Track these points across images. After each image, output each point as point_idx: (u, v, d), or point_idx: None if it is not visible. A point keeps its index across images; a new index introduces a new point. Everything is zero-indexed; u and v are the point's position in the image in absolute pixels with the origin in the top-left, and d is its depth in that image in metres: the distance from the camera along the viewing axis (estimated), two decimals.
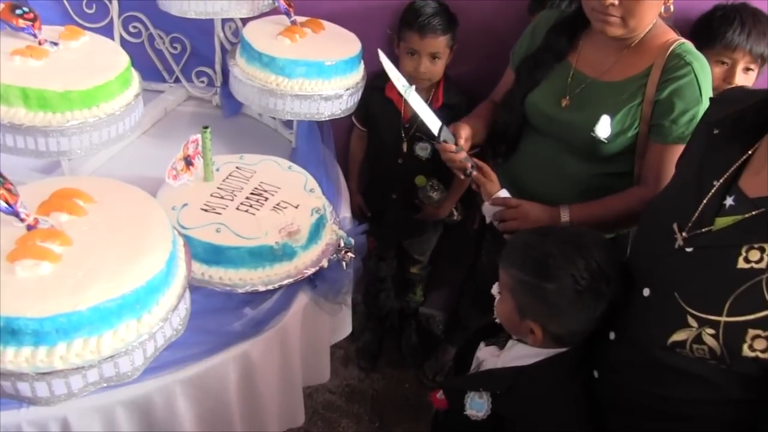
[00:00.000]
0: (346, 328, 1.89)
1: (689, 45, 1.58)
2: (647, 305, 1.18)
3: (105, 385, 1.06)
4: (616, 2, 1.49)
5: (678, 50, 1.56)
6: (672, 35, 1.61)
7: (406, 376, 2.65)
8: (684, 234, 1.13)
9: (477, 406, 1.35)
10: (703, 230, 1.11)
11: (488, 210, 1.68)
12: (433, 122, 1.67)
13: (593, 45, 1.68)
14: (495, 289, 1.40)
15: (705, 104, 1.53)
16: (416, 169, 2.23)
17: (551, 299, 1.25)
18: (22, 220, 1.07)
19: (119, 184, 1.24)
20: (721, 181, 1.12)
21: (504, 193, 1.66)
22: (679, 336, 1.10)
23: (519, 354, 1.37)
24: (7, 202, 1.06)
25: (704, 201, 1.12)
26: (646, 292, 1.18)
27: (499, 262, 1.36)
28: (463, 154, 1.65)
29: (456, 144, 1.65)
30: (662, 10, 1.55)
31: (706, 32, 1.80)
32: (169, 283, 1.11)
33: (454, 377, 1.65)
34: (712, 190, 1.12)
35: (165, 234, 1.14)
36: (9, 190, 1.07)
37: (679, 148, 1.50)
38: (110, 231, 1.11)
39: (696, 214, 1.13)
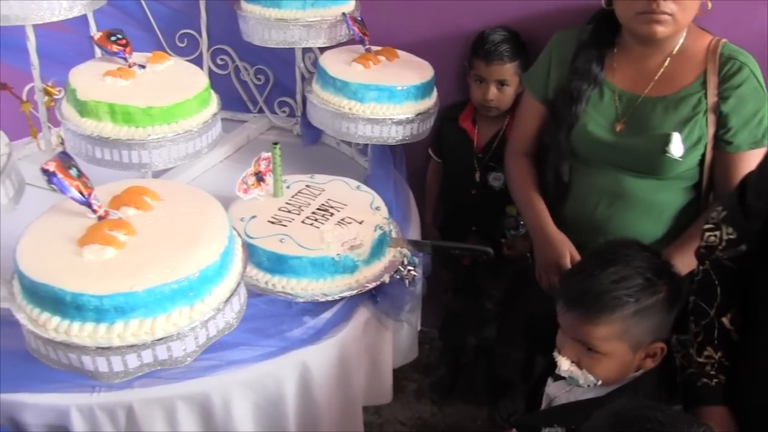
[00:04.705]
0: (412, 352, 1.89)
1: (730, 43, 1.56)
2: None
3: (159, 367, 1.12)
4: None
5: (726, 52, 1.54)
6: (708, 36, 1.58)
7: (479, 413, 2.60)
8: None
9: None
10: None
11: None
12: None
13: (629, 59, 1.63)
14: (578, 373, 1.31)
15: None
16: (490, 200, 2.23)
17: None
18: (94, 211, 1.17)
19: (186, 186, 1.34)
20: None
21: None
22: None
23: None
24: (82, 194, 1.15)
25: None
26: None
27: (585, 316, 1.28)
28: None
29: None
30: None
31: None
32: (222, 275, 1.17)
33: (526, 414, 1.60)
34: None
35: (222, 230, 1.20)
36: (84, 183, 1.17)
37: (756, 152, 1.51)
38: (171, 225, 1.20)
39: None
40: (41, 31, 1.76)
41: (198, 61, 2.25)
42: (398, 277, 1.60)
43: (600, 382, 1.27)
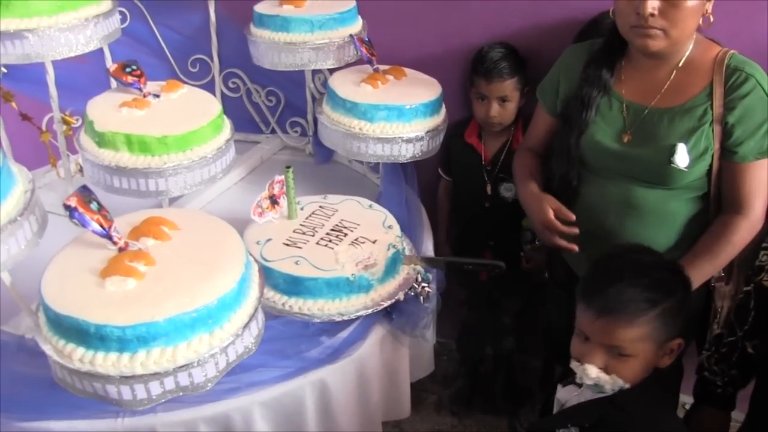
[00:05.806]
0: (429, 365, 1.91)
1: (739, 54, 1.57)
2: None
3: (181, 394, 1.16)
4: (656, 12, 1.46)
5: (733, 63, 1.55)
6: (716, 47, 1.60)
7: (499, 423, 2.61)
8: None
9: None
10: None
11: None
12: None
13: (637, 71, 1.65)
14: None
15: None
16: (503, 212, 2.24)
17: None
18: (114, 243, 1.21)
19: (202, 214, 1.37)
20: None
21: None
22: None
23: None
24: (102, 227, 1.19)
25: None
26: None
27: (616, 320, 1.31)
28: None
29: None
30: (701, 22, 1.52)
31: None
32: (240, 302, 1.21)
33: (539, 419, 1.63)
34: None
35: (239, 258, 1.24)
36: (104, 216, 1.21)
37: (762, 162, 1.54)
38: (189, 254, 1.23)
39: None
40: (58, 63, 1.81)
41: (210, 85, 2.30)
42: (413, 294, 1.63)
43: (628, 385, 1.30)
